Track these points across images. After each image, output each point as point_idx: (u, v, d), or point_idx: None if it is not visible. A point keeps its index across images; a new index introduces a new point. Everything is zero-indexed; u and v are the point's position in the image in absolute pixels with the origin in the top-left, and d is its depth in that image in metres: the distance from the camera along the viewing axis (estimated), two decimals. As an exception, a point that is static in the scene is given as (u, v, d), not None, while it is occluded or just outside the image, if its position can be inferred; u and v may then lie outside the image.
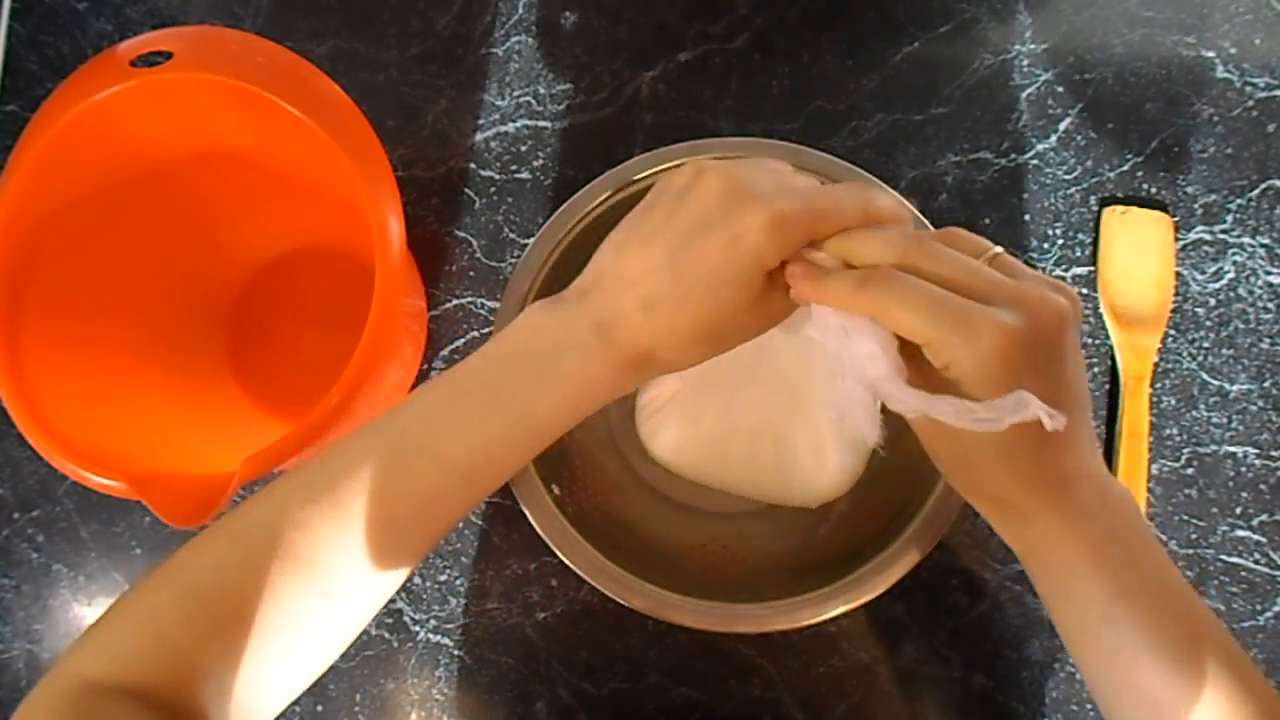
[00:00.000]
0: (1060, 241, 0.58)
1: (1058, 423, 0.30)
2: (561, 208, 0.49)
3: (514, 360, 0.35)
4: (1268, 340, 0.57)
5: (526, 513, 0.47)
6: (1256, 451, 0.56)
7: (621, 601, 0.46)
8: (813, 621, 0.45)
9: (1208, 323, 0.57)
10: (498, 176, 0.60)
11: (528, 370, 0.35)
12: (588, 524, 0.48)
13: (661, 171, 0.50)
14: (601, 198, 0.50)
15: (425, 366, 0.58)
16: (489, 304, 0.59)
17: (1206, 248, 0.58)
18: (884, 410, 0.34)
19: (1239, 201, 0.58)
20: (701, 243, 0.33)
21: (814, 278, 0.33)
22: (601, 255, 0.36)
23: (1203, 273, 0.58)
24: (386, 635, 0.56)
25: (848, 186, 0.35)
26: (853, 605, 0.45)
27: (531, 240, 0.49)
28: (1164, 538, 0.55)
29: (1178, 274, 0.57)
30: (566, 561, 0.46)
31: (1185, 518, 0.55)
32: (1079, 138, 0.59)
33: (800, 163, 0.50)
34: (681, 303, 0.34)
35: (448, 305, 0.59)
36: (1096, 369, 0.57)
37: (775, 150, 0.50)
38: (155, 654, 0.33)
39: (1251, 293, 0.57)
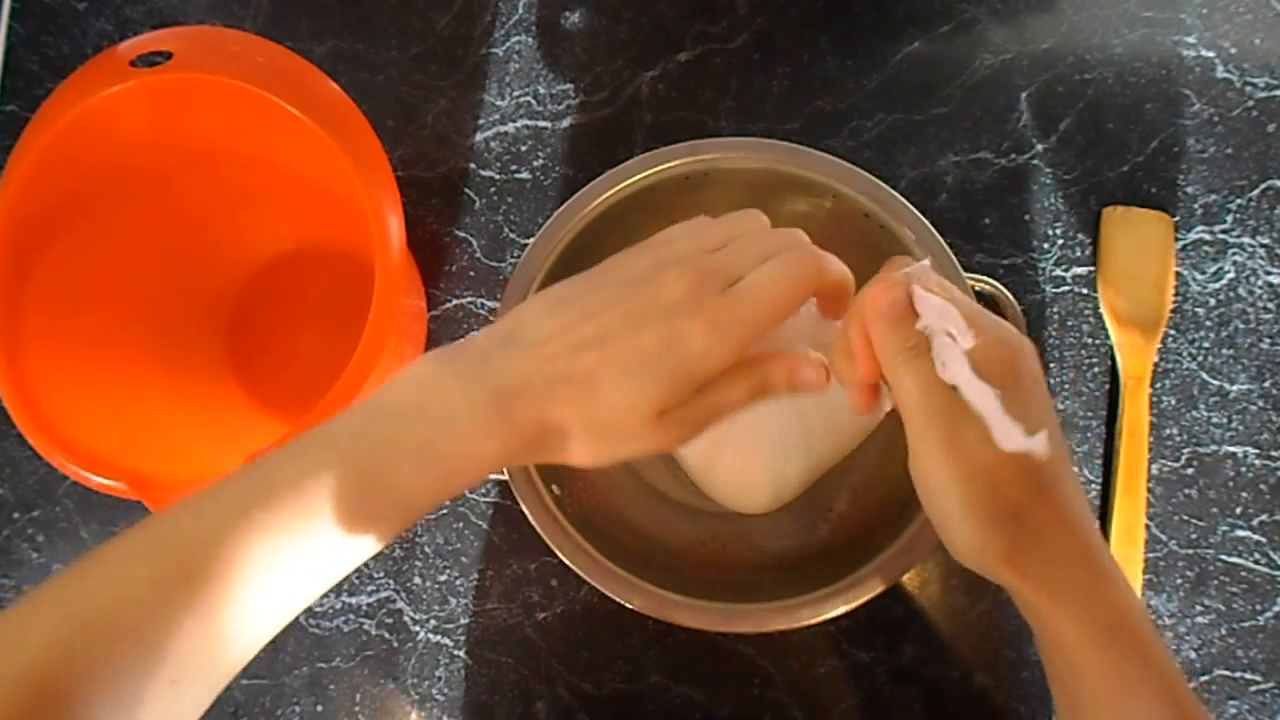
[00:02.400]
0: (1060, 241, 0.58)
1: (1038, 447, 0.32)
2: (562, 208, 0.49)
3: (398, 424, 0.31)
4: (1268, 340, 0.57)
5: (526, 513, 0.47)
6: (1256, 451, 0.56)
7: (621, 601, 0.46)
8: (813, 621, 0.45)
9: (1208, 323, 0.57)
10: (498, 176, 0.60)
11: (411, 440, 0.31)
12: (588, 524, 0.48)
13: (661, 171, 0.50)
14: (601, 198, 0.50)
15: (425, 366, 0.58)
16: (489, 304, 0.59)
17: (1206, 248, 0.58)
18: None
19: (1239, 201, 0.58)
20: (643, 333, 0.32)
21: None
22: (524, 313, 0.34)
23: (1203, 273, 0.58)
24: (386, 635, 0.56)
25: (803, 264, 0.34)
26: (853, 605, 0.45)
27: (531, 240, 0.49)
28: (1164, 538, 0.55)
29: (1178, 274, 0.57)
30: (566, 561, 0.46)
31: (1185, 518, 0.55)
32: (1079, 138, 0.59)
33: (800, 163, 0.50)
34: (601, 389, 0.32)
35: (448, 305, 0.59)
36: (1097, 369, 0.57)
37: (775, 150, 0.50)
38: None
39: (1251, 293, 0.57)
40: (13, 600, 0.57)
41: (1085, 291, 0.58)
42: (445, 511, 0.57)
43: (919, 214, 0.49)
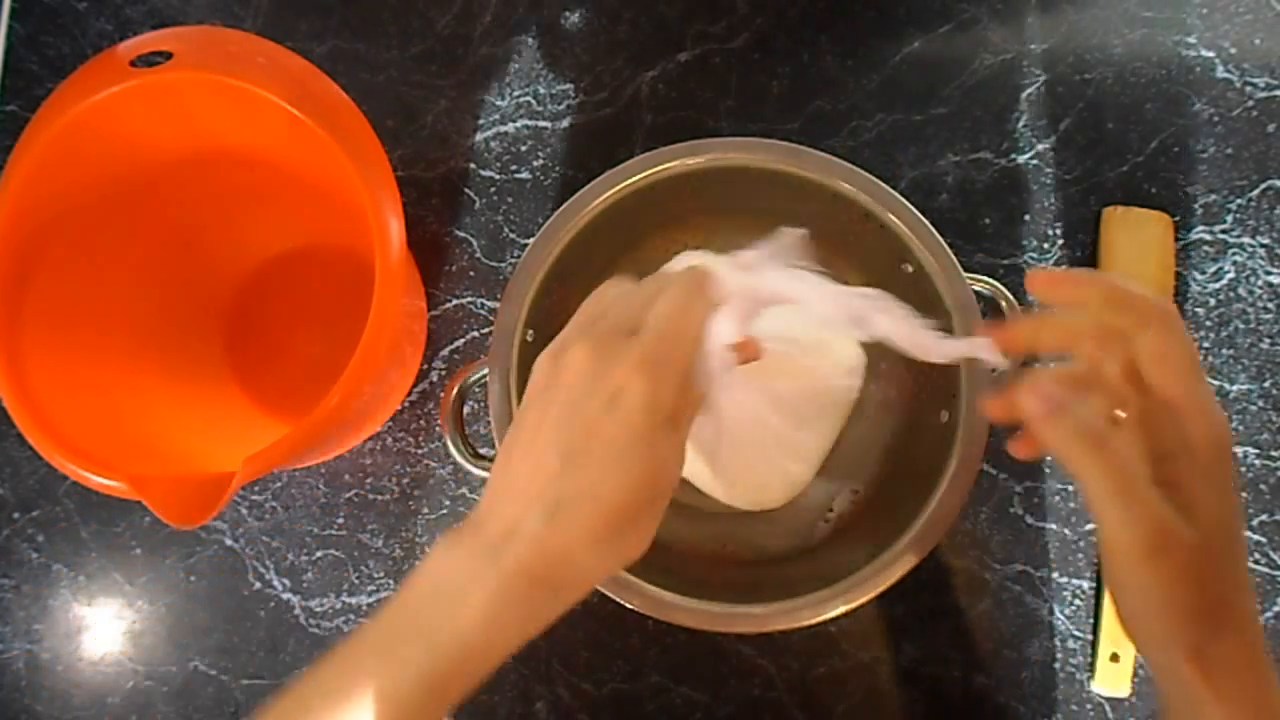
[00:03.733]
0: (1060, 241, 0.58)
1: (995, 360, 0.32)
2: (561, 208, 0.49)
3: (412, 614, 0.32)
4: (1268, 340, 0.57)
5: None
6: (1256, 451, 0.56)
7: (621, 602, 0.46)
8: (813, 621, 0.46)
9: (1208, 323, 0.57)
10: (498, 176, 0.60)
11: (426, 623, 0.31)
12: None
13: (660, 172, 0.50)
14: (601, 198, 0.50)
15: (425, 366, 0.58)
16: (489, 304, 0.59)
17: (1206, 248, 0.58)
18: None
19: (1239, 201, 0.58)
20: (584, 421, 0.31)
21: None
22: (492, 477, 0.34)
23: (1203, 273, 0.58)
24: (386, 635, 0.56)
25: (685, 286, 0.34)
26: (852, 605, 0.45)
27: (531, 240, 0.49)
28: (1164, 538, 0.55)
29: (1178, 274, 0.57)
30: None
31: (1185, 518, 0.55)
32: (1079, 138, 0.59)
33: (800, 163, 0.50)
34: (584, 493, 0.31)
35: (448, 305, 0.59)
36: (1096, 369, 0.57)
37: (774, 150, 0.50)
38: None
39: (1251, 293, 0.57)
40: (12, 600, 0.57)
41: (1085, 291, 0.58)
42: (445, 512, 0.57)
43: (919, 214, 0.49)
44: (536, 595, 0.31)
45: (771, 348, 0.38)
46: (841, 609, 0.45)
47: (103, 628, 0.57)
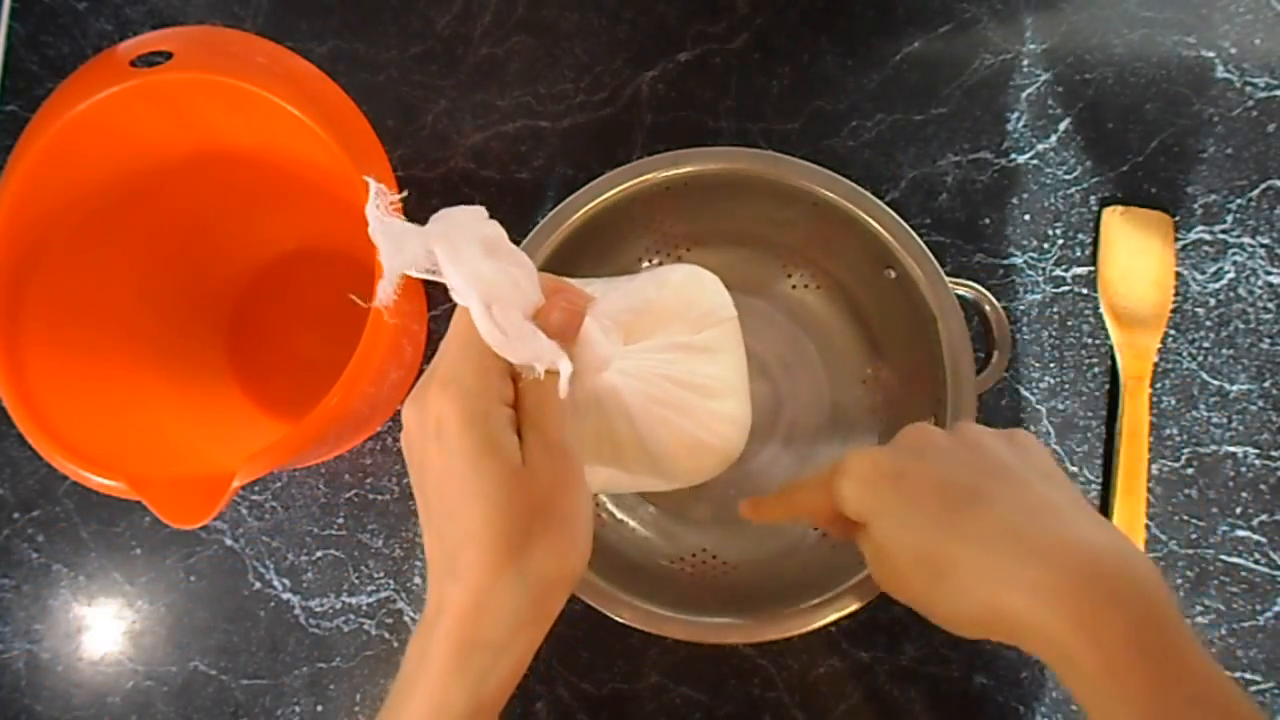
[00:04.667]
0: (1060, 241, 0.58)
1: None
2: (559, 207, 0.49)
3: (382, 713, 0.32)
4: (1268, 340, 0.57)
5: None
6: (1256, 451, 0.56)
7: (611, 615, 0.46)
8: (804, 630, 0.46)
9: (1208, 323, 0.57)
10: (497, 176, 0.60)
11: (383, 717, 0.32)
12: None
13: (643, 182, 0.50)
14: (601, 198, 0.50)
15: (425, 366, 0.58)
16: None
17: (1206, 248, 0.58)
18: None
19: (1239, 201, 0.58)
20: (431, 469, 0.31)
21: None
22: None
23: (1203, 273, 0.58)
24: (386, 635, 0.56)
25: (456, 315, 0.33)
26: (843, 613, 0.46)
27: (526, 240, 0.49)
28: (1164, 537, 0.55)
29: (1178, 274, 0.57)
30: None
31: (1185, 518, 0.55)
32: (1079, 138, 0.59)
33: (780, 171, 0.49)
34: (462, 538, 0.30)
35: (448, 305, 0.59)
36: (1097, 369, 0.57)
37: (755, 159, 0.50)
38: None
39: (1251, 293, 0.57)
40: (12, 600, 0.57)
41: (1085, 291, 0.58)
42: (445, 511, 0.57)
43: (901, 220, 0.49)
44: (475, 660, 0.31)
45: (624, 319, 0.38)
46: (832, 617, 0.45)
47: (103, 628, 0.57)
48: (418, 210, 0.61)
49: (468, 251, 0.31)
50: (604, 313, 0.37)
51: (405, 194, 0.31)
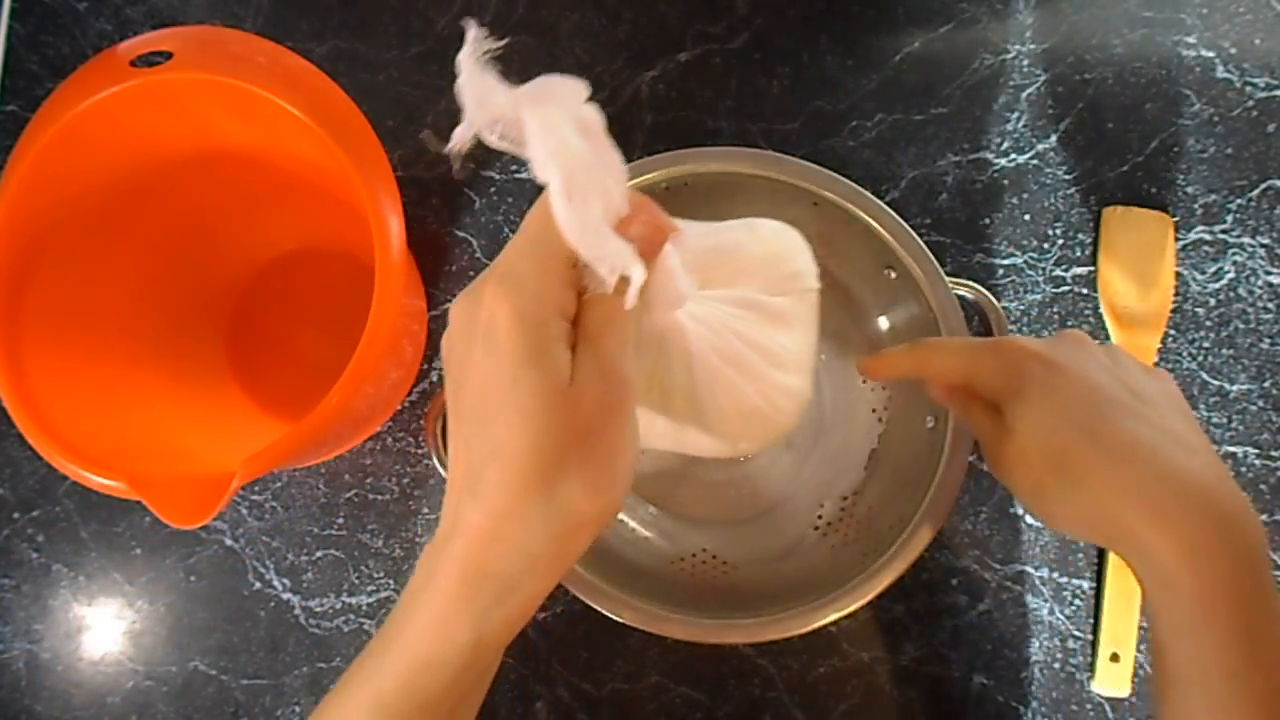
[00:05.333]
0: (1060, 241, 0.58)
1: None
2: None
3: (378, 637, 0.30)
4: (1268, 340, 0.57)
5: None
6: (1256, 451, 0.56)
7: (611, 615, 0.46)
8: (804, 631, 0.46)
9: (1208, 323, 0.57)
10: (498, 176, 0.60)
11: (380, 644, 0.29)
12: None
13: (660, 171, 0.50)
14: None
15: (425, 366, 0.58)
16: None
17: (1206, 248, 0.58)
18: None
19: (1239, 201, 0.58)
20: (472, 373, 0.27)
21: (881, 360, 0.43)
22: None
23: (1203, 273, 0.58)
24: (386, 635, 0.56)
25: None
26: (842, 614, 0.46)
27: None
28: (1164, 538, 0.55)
29: (1178, 274, 0.57)
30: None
31: (1185, 518, 0.55)
32: (1079, 138, 0.59)
33: (781, 170, 0.49)
34: (489, 455, 0.27)
35: (448, 305, 0.59)
36: (1096, 369, 0.57)
37: (756, 159, 0.50)
38: None
39: (1251, 293, 0.57)
40: (12, 600, 0.57)
41: (1085, 291, 0.58)
42: (445, 511, 0.57)
43: (901, 220, 0.49)
44: (483, 591, 0.27)
45: (706, 258, 0.36)
46: (832, 617, 0.46)
47: (103, 628, 0.57)
48: (418, 209, 0.61)
49: (560, 123, 0.27)
50: (688, 246, 0.34)
51: (507, 40, 0.26)
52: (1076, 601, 0.54)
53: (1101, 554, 0.55)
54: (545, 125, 0.26)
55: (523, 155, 0.27)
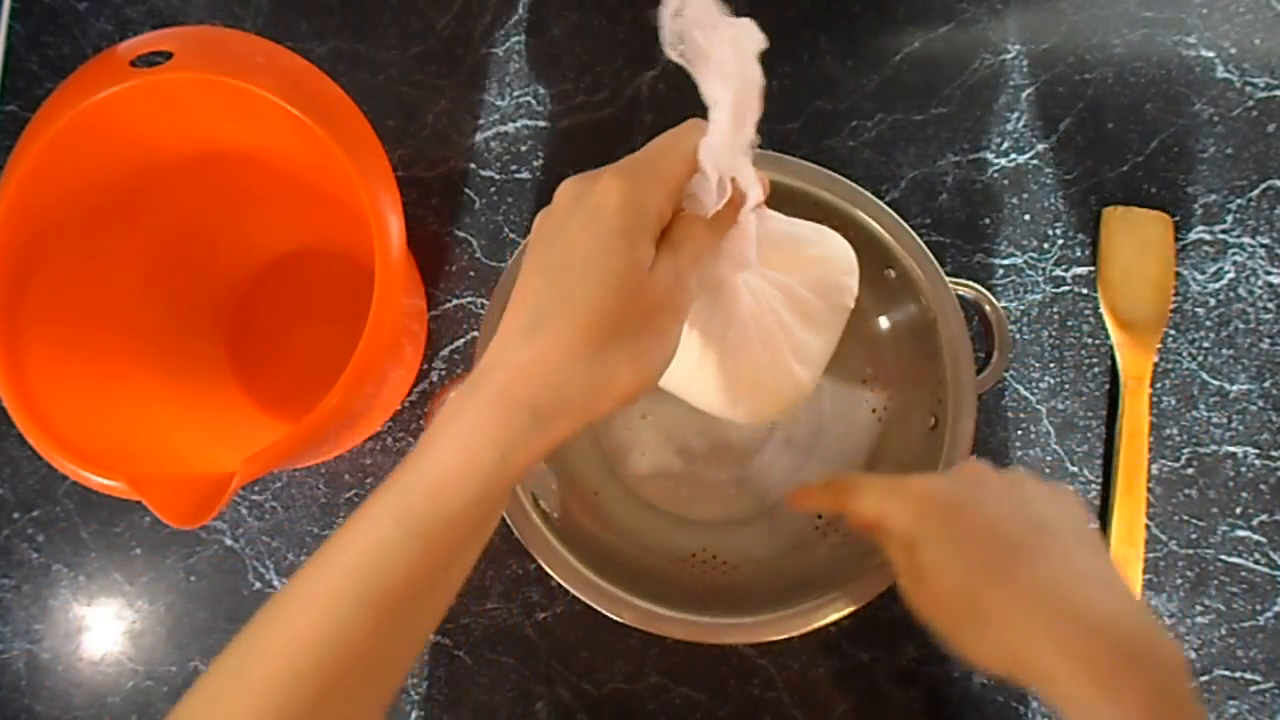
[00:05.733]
0: (1060, 241, 0.58)
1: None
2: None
3: (405, 460, 0.31)
4: (1268, 340, 0.57)
5: (514, 528, 0.47)
6: (1256, 451, 0.56)
7: (612, 615, 0.46)
8: (803, 631, 0.46)
9: (1208, 323, 0.57)
10: (498, 176, 0.60)
11: (408, 463, 0.31)
12: (578, 538, 0.48)
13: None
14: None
15: (425, 366, 0.58)
16: (489, 304, 0.59)
17: (1206, 248, 0.58)
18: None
19: (1239, 201, 0.58)
20: (565, 237, 0.31)
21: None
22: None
23: (1203, 273, 0.58)
24: (386, 635, 0.56)
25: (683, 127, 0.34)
26: (842, 614, 0.46)
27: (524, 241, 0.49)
28: (1164, 538, 0.55)
29: (1178, 274, 0.57)
30: (557, 578, 0.47)
31: (1185, 518, 0.55)
32: (1079, 138, 0.59)
33: (781, 170, 0.50)
34: (559, 301, 0.30)
35: (448, 305, 0.59)
36: (1097, 369, 0.57)
37: (761, 159, 0.49)
38: None
39: (1251, 293, 0.57)
40: (12, 600, 0.57)
41: (1085, 291, 0.58)
42: (445, 511, 0.57)
43: (901, 221, 0.49)
44: (515, 420, 0.29)
45: (776, 240, 0.39)
46: (833, 617, 0.46)
47: (103, 628, 0.57)
48: (418, 209, 0.61)
49: (748, 50, 0.31)
50: (768, 222, 0.38)
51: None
52: (1076, 601, 0.54)
53: (1101, 554, 0.55)
54: (736, 45, 0.31)
55: (697, 72, 0.31)
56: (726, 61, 0.31)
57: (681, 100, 0.60)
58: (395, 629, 0.30)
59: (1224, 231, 0.58)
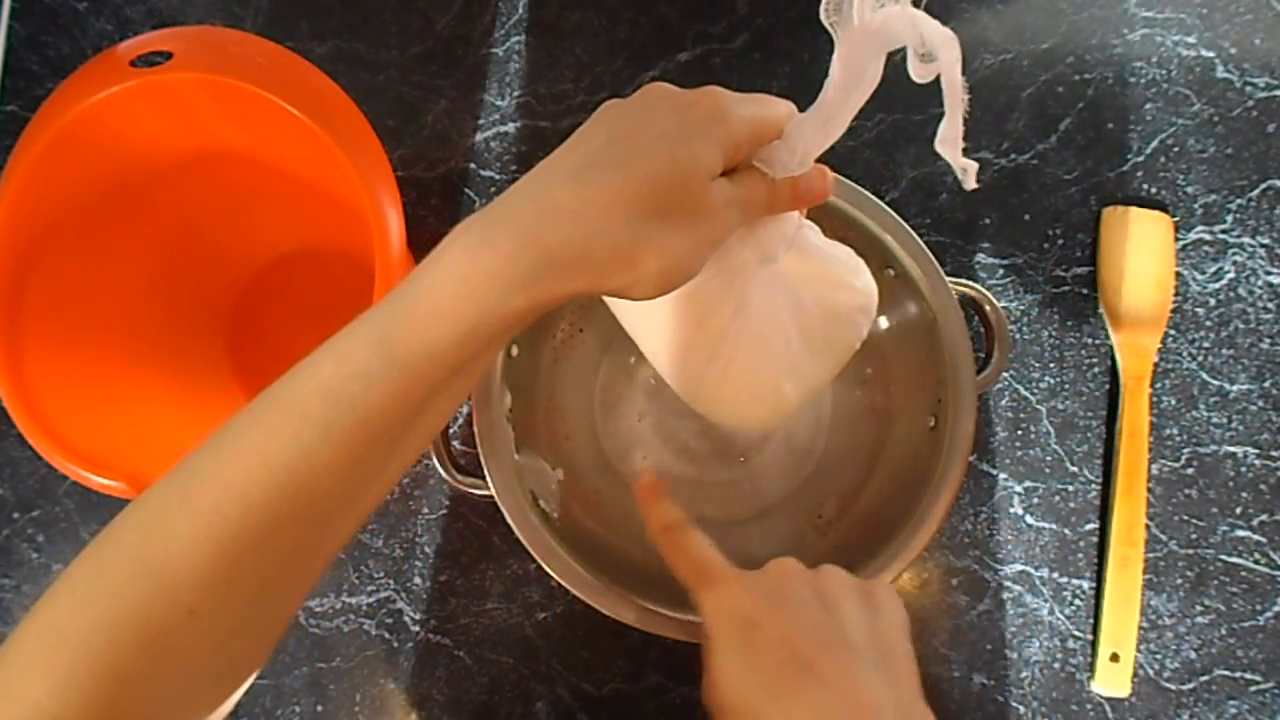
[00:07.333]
0: (1060, 241, 0.58)
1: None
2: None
3: (390, 292, 0.29)
4: (1268, 340, 0.57)
5: (514, 528, 0.47)
6: (1256, 451, 0.56)
7: (613, 615, 0.46)
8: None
9: (1208, 323, 0.57)
10: (498, 176, 0.60)
11: (402, 285, 0.29)
12: (577, 538, 0.48)
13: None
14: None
15: (425, 366, 0.58)
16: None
17: (1206, 248, 0.58)
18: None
19: (1239, 201, 0.58)
20: (645, 113, 0.31)
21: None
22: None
23: (1203, 273, 0.58)
24: (386, 635, 0.56)
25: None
26: None
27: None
28: (1164, 538, 0.55)
29: (1178, 274, 0.57)
30: (557, 578, 0.47)
31: (1185, 518, 0.55)
32: (1079, 138, 0.59)
33: None
34: (615, 159, 0.29)
35: (448, 305, 0.59)
36: (1097, 369, 0.57)
37: None
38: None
39: (1251, 293, 0.57)
40: (12, 600, 0.57)
41: (1085, 291, 0.58)
42: (444, 511, 0.57)
43: (901, 220, 0.49)
44: (526, 257, 0.27)
45: (806, 246, 0.39)
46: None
47: (103, 628, 0.56)
48: (418, 209, 0.61)
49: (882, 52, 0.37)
50: (809, 228, 0.39)
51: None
52: (1076, 601, 0.54)
53: (1101, 554, 0.55)
54: (893, 42, 0.36)
55: (838, 46, 0.36)
56: (931, 30, 0.33)
57: (681, 100, 0.60)
58: (358, 466, 0.28)
59: (1224, 231, 0.58)
